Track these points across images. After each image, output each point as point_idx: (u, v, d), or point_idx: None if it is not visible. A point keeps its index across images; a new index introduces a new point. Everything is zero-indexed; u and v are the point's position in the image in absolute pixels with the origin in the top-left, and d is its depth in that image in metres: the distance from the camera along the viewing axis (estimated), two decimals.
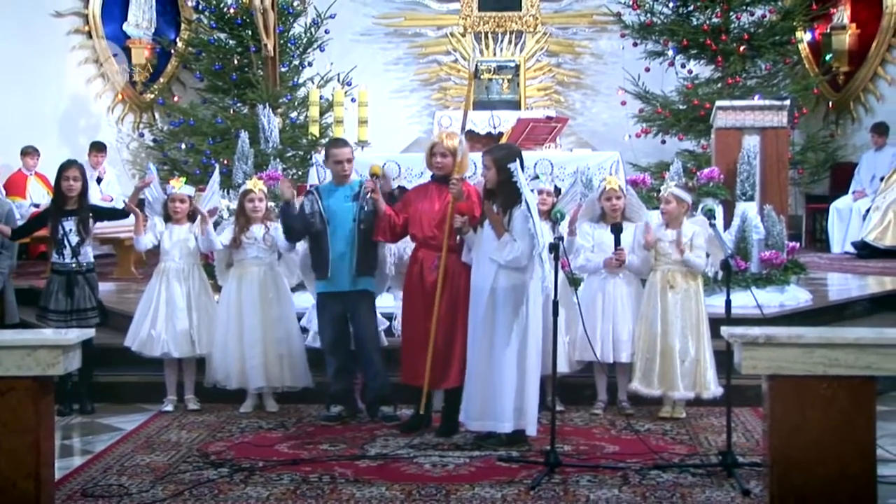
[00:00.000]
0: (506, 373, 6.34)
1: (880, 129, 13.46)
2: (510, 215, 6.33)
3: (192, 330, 7.47)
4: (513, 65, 15.09)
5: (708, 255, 7.17)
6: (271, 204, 7.89)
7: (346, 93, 11.86)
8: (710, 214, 6.73)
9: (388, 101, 14.76)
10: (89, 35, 14.21)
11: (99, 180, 12.51)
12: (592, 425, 7.05)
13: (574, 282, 7.36)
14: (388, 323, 7.61)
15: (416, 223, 6.79)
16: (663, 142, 13.61)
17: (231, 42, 13.48)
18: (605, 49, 15.25)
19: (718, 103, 9.84)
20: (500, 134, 12.92)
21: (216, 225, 7.76)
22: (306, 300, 7.84)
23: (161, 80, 14.69)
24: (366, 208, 6.97)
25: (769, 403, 4.97)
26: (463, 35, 15.37)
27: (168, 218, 7.63)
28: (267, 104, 11.22)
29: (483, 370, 6.39)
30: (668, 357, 7.03)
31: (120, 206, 8.53)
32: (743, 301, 7.68)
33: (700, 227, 7.07)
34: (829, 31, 14.51)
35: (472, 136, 14.24)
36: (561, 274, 6.72)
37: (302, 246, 7.40)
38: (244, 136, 9.86)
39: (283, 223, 7.22)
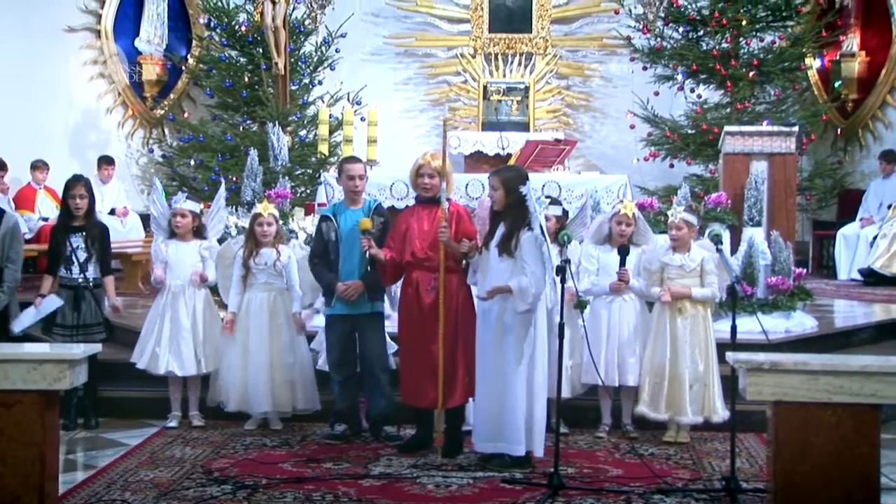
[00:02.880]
0: (517, 395, 6.35)
1: (889, 157, 13.44)
2: (517, 238, 6.34)
3: (198, 348, 7.48)
4: (522, 86, 15.15)
5: None
6: (281, 222, 7.89)
7: (355, 112, 11.93)
8: (717, 239, 6.75)
9: (398, 120, 14.81)
10: (101, 50, 14.30)
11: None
12: (596, 448, 7.04)
13: (580, 304, 7.36)
14: (395, 346, 7.61)
15: (409, 246, 6.79)
16: (671, 166, 13.64)
17: (242, 59, 13.54)
18: (615, 72, 15.29)
19: (727, 128, 9.88)
20: (509, 155, 12.94)
21: (222, 240, 7.78)
22: (318, 321, 7.84)
23: (171, 96, 14.76)
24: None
25: (773, 429, 4.99)
26: (473, 56, 15.42)
27: (173, 234, 7.64)
28: (276, 122, 11.29)
29: (494, 392, 6.40)
30: (676, 382, 7.02)
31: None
32: (749, 326, 7.68)
33: (709, 251, 7.08)
34: (838, 58, 14.53)
35: (480, 158, 14.35)
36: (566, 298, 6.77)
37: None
38: (253, 153, 9.90)
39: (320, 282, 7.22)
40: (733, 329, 6.16)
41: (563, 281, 6.22)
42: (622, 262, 7.04)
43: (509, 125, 14.80)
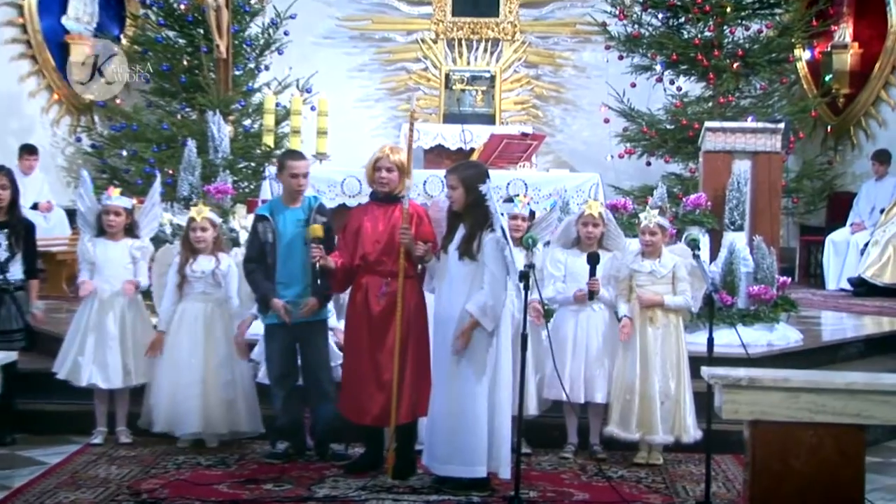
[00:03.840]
0: (478, 411, 6.36)
1: (882, 158, 13.59)
2: (479, 240, 6.36)
3: (126, 358, 7.43)
4: (488, 75, 15.20)
5: None
6: (220, 220, 7.86)
7: (304, 100, 11.89)
8: (693, 245, 6.81)
9: (352, 110, 14.81)
10: (24, 28, 14.16)
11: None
12: (561, 470, 7.08)
13: (544, 314, 7.40)
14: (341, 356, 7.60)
15: (359, 248, 6.80)
16: (648, 164, 13.73)
17: (181, 41, 13.46)
18: (589, 61, 15.38)
19: (707, 124, 9.94)
20: (472, 150, 12.99)
21: (155, 240, 7.75)
22: (257, 327, 7.82)
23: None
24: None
25: (751, 451, 5.05)
26: (434, 41, 15.46)
27: (102, 232, 7.58)
28: (217, 110, 11.23)
29: (451, 408, 6.41)
30: (647, 398, 7.08)
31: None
32: (727, 339, 7.75)
33: (681, 257, 7.14)
34: (829, 49, 14.68)
35: (441, 152, 14.36)
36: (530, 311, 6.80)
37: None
38: (191, 144, 9.86)
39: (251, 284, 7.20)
40: (710, 342, 6.21)
41: (526, 288, 6.25)
42: (592, 272, 7.06)
43: (473, 117, 14.85)
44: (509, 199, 7.53)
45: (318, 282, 6.88)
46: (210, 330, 7.39)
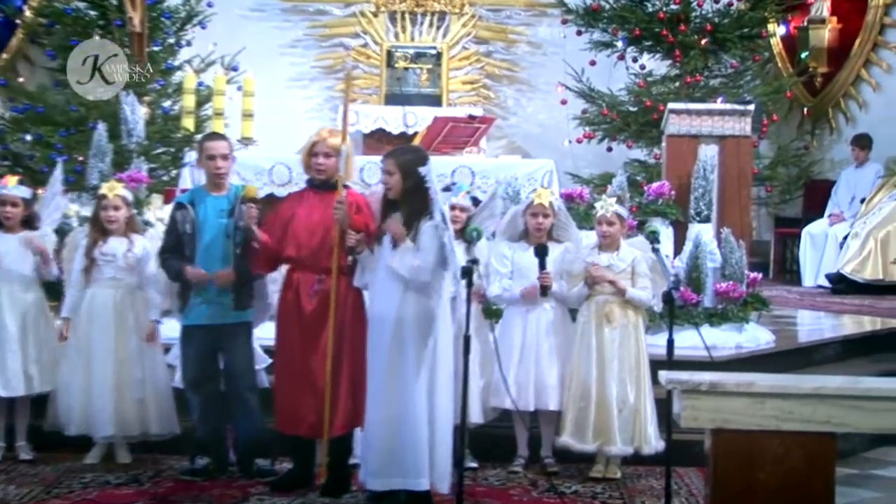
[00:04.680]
0: (417, 419, 6.37)
1: (862, 142, 13.73)
2: (417, 230, 6.37)
3: (28, 363, 7.36)
4: (434, 52, 15.19)
5: None
6: (134, 211, 7.81)
7: (230, 80, 11.83)
8: (652, 238, 6.84)
9: (283, 91, 14.77)
10: None
11: None
12: (510, 485, 7.09)
13: (491, 313, 7.40)
14: (269, 360, 7.58)
15: (291, 240, 6.78)
16: (609, 149, 13.76)
17: (91, 13, 13.33)
18: (544, 37, 15.42)
19: (671, 106, 10.00)
20: (416, 134, 12.98)
21: (59, 231, 7.68)
22: (176, 329, 7.78)
23: (3, 56, 14.48)
24: (241, 227, 6.93)
25: (712, 462, 5.06)
26: (375, 14, 15.44)
27: None
28: (131, 90, 11.13)
29: (389, 417, 6.40)
30: (604, 406, 7.10)
31: None
32: (692, 341, 7.80)
33: (641, 251, 7.17)
34: (805, 24, 14.81)
35: (383, 137, 14.33)
36: (474, 304, 6.79)
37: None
38: (102, 128, 9.77)
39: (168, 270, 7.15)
40: (670, 343, 6.24)
41: (469, 285, 6.24)
42: (542, 264, 7.07)
43: (418, 98, 14.84)
44: (447, 188, 7.52)
45: (240, 251, 6.88)
46: (121, 320, 7.34)
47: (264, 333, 7.32)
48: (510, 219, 7.46)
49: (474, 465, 7.28)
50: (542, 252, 7.07)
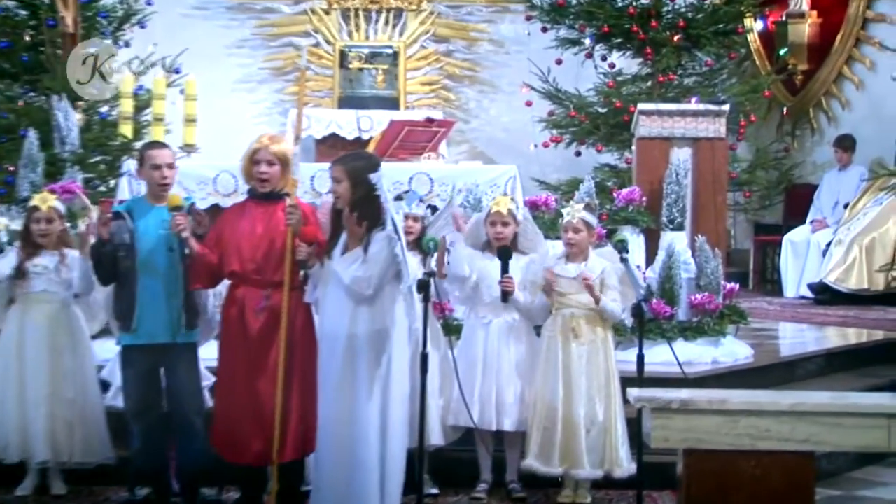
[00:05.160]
0: (370, 442, 6.39)
1: (845, 144, 13.78)
2: (368, 241, 6.38)
3: None
4: (390, 52, 15.20)
5: None
6: (68, 224, 7.79)
7: (171, 83, 11.79)
8: (621, 247, 6.85)
9: (229, 94, 14.77)
10: None
11: None
12: None
13: (450, 329, 7.40)
14: (212, 379, 7.55)
15: (234, 254, 6.76)
16: (578, 153, 13.79)
17: (21, 13, 13.27)
18: (508, 35, 15.46)
19: (641, 106, 10.03)
20: (372, 139, 12.97)
21: None
22: (112, 350, 7.75)
23: None
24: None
25: (684, 484, 5.10)
26: (326, 12, 15.43)
27: None
28: (65, 95, 11.08)
29: (342, 442, 6.42)
30: (571, 426, 7.08)
31: None
32: (665, 357, 7.83)
33: (610, 261, 7.18)
34: (784, 19, 14.86)
35: (336, 142, 14.32)
36: (432, 319, 6.79)
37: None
38: (33, 135, 9.73)
39: (96, 264, 7.09)
40: (640, 359, 6.26)
41: (426, 299, 6.25)
42: (504, 268, 7.07)
43: (373, 101, 14.85)
44: (399, 197, 7.51)
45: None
46: (54, 337, 7.31)
47: (206, 353, 7.29)
48: (473, 227, 7.47)
49: (434, 490, 7.28)
50: (504, 255, 7.07)
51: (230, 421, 6.75)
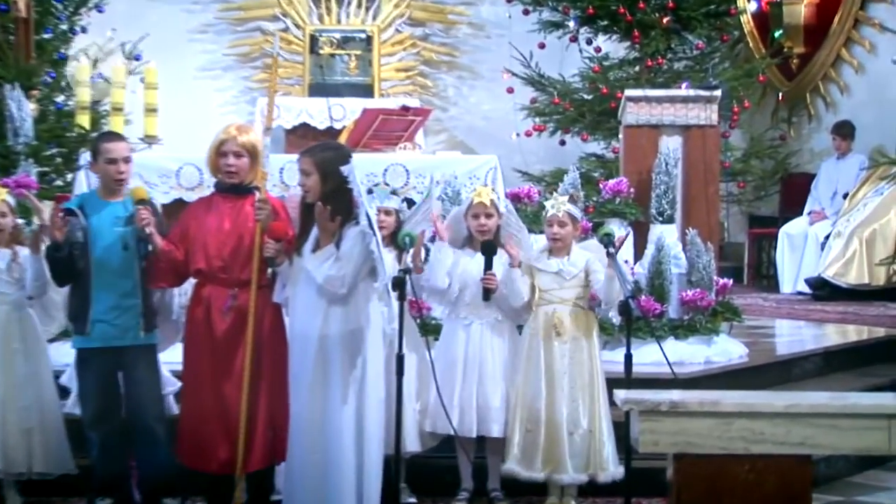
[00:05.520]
0: (345, 449, 6.40)
1: (843, 131, 13.81)
2: (340, 236, 6.39)
3: None
4: (363, 36, 15.21)
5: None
6: (21, 220, 7.77)
7: (131, 71, 11.78)
8: (607, 241, 6.85)
9: (192, 82, 14.79)
10: None
11: None
12: None
13: (428, 329, 7.40)
14: (178, 384, 7.54)
15: (200, 251, 6.75)
16: (562, 142, 13.83)
17: None
18: (488, 17, 15.49)
19: (628, 93, 10.04)
20: (345, 129, 12.97)
21: None
22: (69, 354, 7.74)
23: None
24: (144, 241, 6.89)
25: (675, 490, 5.11)
26: None
27: None
28: (17, 84, 11.05)
29: (312, 447, 6.43)
30: (553, 428, 7.09)
31: None
32: (655, 356, 7.83)
33: (594, 253, 7.18)
34: None
35: (307, 132, 14.32)
36: (409, 319, 6.79)
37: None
38: None
39: (52, 266, 7.07)
40: (627, 359, 6.26)
41: (401, 297, 6.25)
42: (487, 264, 7.07)
43: (346, 89, 14.87)
44: (369, 191, 7.49)
45: (145, 264, 6.85)
46: (7, 340, 7.26)
47: (169, 356, 7.29)
48: (452, 222, 7.45)
49: (412, 500, 7.28)
50: (488, 250, 7.06)
51: (195, 427, 6.75)
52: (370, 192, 7.52)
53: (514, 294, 7.12)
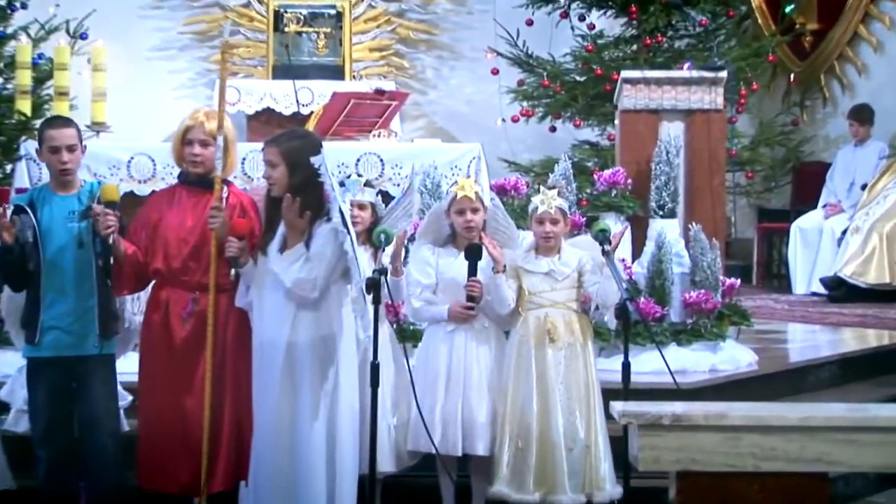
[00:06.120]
0: (316, 467, 6.41)
1: (861, 116, 13.82)
2: (310, 234, 6.41)
3: None
4: (332, 12, 15.19)
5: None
6: None
7: (76, 50, 11.75)
8: (602, 237, 6.85)
9: (144, 63, 14.74)
10: None
11: None
12: None
13: (406, 335, 7.40)
14: (128, 398, 7.55)
15: (159, 250, 6.76)
16: (553, 129, 13.84)
17: None
18: None
19: (625, 74, 10.06)
20: (312, 115, 12.97)
21: None
22: (10, 363, 7.74)
23: None
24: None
25: None
26: None
27: None
28: None
29: (278, 467, 6.45)
30: (547, 445, 7.07)
31: None
32: (656, 364, 7.86)
33: (586, 251, 7.17)
34: None
35: (271, 118, 14.32)
36: (386, 325, 6.80)
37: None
38: None
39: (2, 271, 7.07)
40: (626, 367, 6.26)
41: (376, 301, 6.26)
42: (472, 269, 7.05)
43: (314, 70, 14.87)
44: (341, 183, 7.45)
45: (102, 262, 6.80)
46: None
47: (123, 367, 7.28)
48: (432, 219, 7.38)
49: None
50: (473, 253, 7.01)
51: (152, 445, 6.76)
52: (342, 184, 7.46)
53: (500, 301, 7.09)
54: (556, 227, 7.19)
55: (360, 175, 7.95)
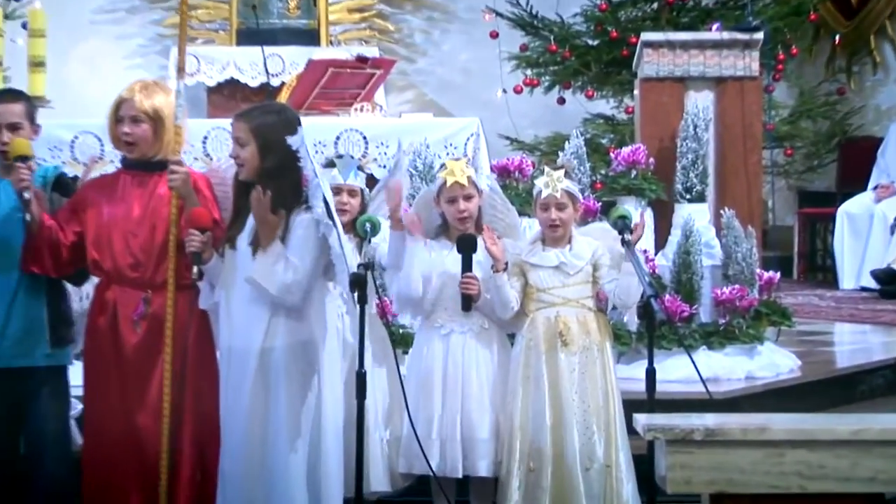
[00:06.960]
0: (295, 494, 6.41)
1: None
2: (286, 225, 6.40)
3: None
4: None
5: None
6: None
7: (10, 13, 11.78)
8: (622, 224, 6.86)
9: (89, 28, 14.75)
10: None
11: None
12: None
13: (395, 340, 7.42)
14: (79, 407, 7.54)
15: (103, 243, 6.75)
16: (561, 101, 13.85)
17: None
18: None
19: (645, 36, 10.08)
20: (284, 86, 12.99)
21: None
22: None
23: None
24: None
25: None
26: None
27: None
28: None
29: (256, 494, 6.44)
30: (564, 463, 7.07)
31: None
32: (684, 371, 7.89)
33: (600, 240, 7.16)
34: None
35: (236, 91, 14.33)
36: (377, 325, 6.83)
37: None
38: None
39: None
40: (650, 374, 6.27)
41: (362, 300, 6.27)
42: (465, 265, 7.06)
43: (285, 35, 14.94)
44: (330, 164, 7.44)
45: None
46: None
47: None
48: (421, 207, 7.38)
49: None
50: (466, 245, 6.99)
51: (101, 467, 6.75)
52: (332, 164, 7.38)
53: (502, 304, 7.07)
54: (563, 212, 7.12)
55: (352, 157, 7.88)
